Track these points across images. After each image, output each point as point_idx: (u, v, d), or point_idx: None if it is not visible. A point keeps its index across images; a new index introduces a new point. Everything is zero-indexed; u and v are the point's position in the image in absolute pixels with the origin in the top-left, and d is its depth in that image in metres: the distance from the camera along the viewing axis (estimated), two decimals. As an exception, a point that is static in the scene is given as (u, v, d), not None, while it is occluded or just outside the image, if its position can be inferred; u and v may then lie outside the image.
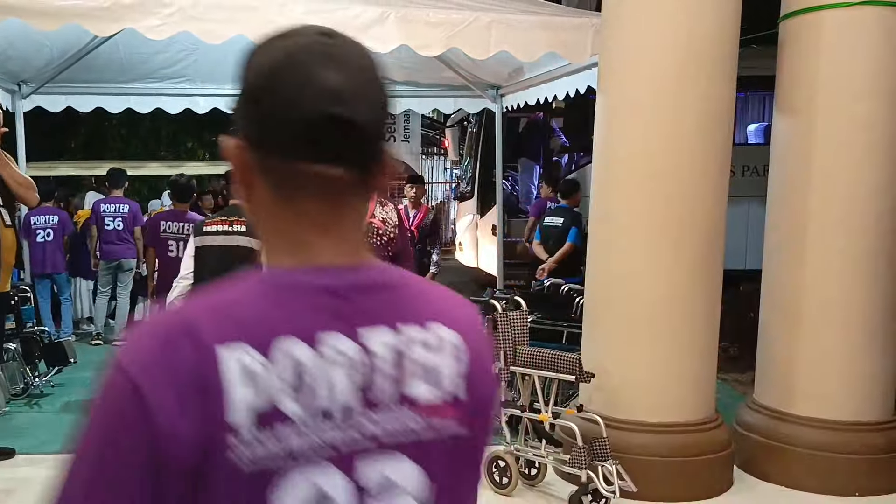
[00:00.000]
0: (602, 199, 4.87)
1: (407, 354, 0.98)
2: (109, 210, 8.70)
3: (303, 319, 0.94)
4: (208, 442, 0.87)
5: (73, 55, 7.50)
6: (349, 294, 0.97)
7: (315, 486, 0.92)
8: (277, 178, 0.96)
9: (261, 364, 0.90)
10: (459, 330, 1.03)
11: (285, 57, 0.97)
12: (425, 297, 1.06)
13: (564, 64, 6.79)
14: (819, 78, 4.81)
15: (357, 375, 0.94)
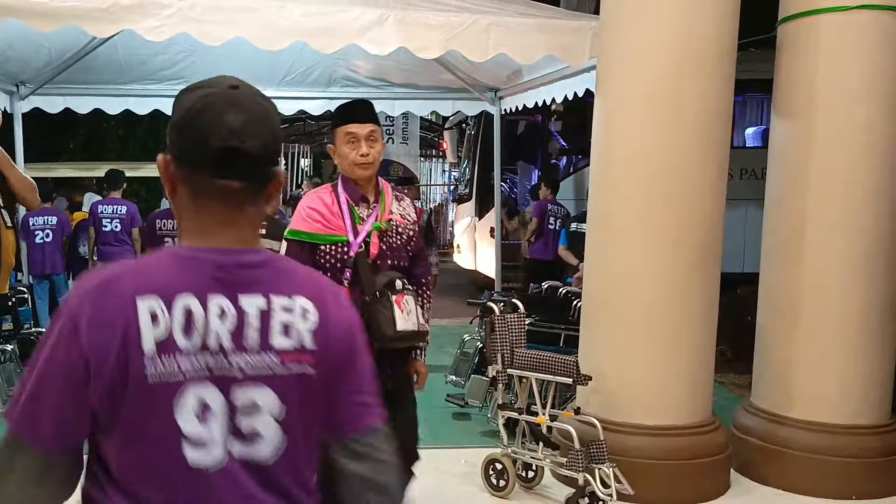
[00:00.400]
0: (600, 201, 4.87)
1: (272, 315, 1.40)
2: (107, 211, 8.68)
3: (198, 283, 1.37)
4: (126, 361, 1.30)
5: (72, 56, 7.50)
6: (234, 269, 1.40)
7: (199, 398, 1.36)
8: (193, 187, 1.40)
9: (164, 311, 1.33)
10: (315, 300, 1.46)
11: (202, 101, 1.37)
12: (293, 275, 1.49)
13: (563, 67, 6.79)
14: (817, 81, 4.82)
15: (232, 326, 1.37)
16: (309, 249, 3.14)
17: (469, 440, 5.89)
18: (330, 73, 8.68)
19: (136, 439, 1.36)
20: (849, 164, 4.78)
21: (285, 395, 1.43)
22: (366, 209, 3.23)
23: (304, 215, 3.19)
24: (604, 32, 4.88)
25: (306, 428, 1.47)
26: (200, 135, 1.36)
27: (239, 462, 1.41)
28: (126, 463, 1.37)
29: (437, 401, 6.68)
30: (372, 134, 3.18)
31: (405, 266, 3.31)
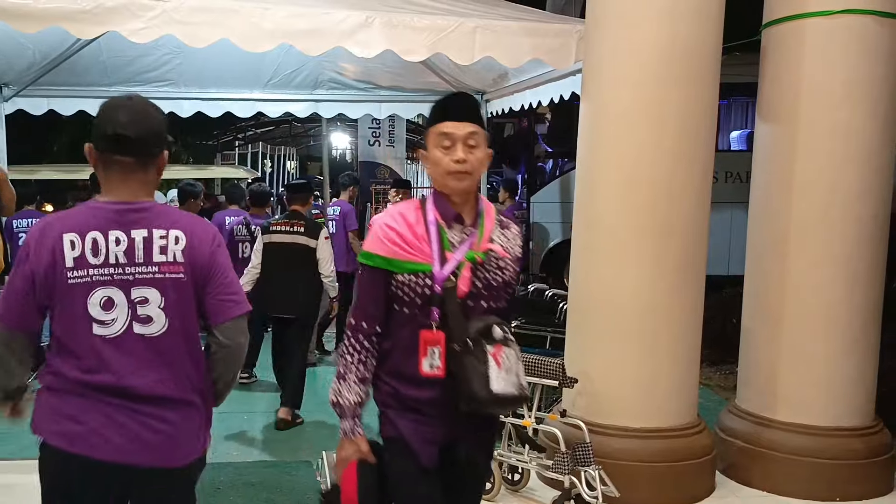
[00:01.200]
0: (585, 204, 4.88)
1: (153, 241, 2.35)
2: None
3: (102, 223, 2.34)
4: (55, 272, 2.29)
5: (56, 58, 7.46)
6: (126, 213, 2.35)
7: (107, 295, 2.33)
8: (102, 162, 2.37)
9: (79, 241, 2.31)
10: (185, 231, 2.40)
11: (104, 106, 2.38)
12: (170, 216, 2.43)
13: (549, 70, 6.81)
14: (801, 85, 4.85)
15: (125, 248, 2.33)
16: (383, 278, 2.52)
17: (455, 443, 5.89)
18: (316, 76, 8.66)
19: (64, 319, 2.37)
20: (832, 168, 4.81)
21: (165, 292, 2.38)
22: (459, 233, 2.56)
23: (381, 235, 2.54)
24: (589, 36, 4.90)
25: (182, 314, 2.42)
26: (104, 127, 2.34)
27: (136, 335, 2.37)
28: (59, 334, 2.39)
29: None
30: (472, 136, 2.52)
31: (504, 310, 2.63)
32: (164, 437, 2.39)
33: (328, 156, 20.68)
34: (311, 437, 6.03)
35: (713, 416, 5.38)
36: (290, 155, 27.79)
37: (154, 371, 2.38)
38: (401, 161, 18.37)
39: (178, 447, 2.43)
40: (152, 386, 2.37)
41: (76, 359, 2.37)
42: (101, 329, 2.34)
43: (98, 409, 2.36)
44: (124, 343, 2.35)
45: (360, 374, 2.56)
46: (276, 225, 6.43)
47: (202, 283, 2.43)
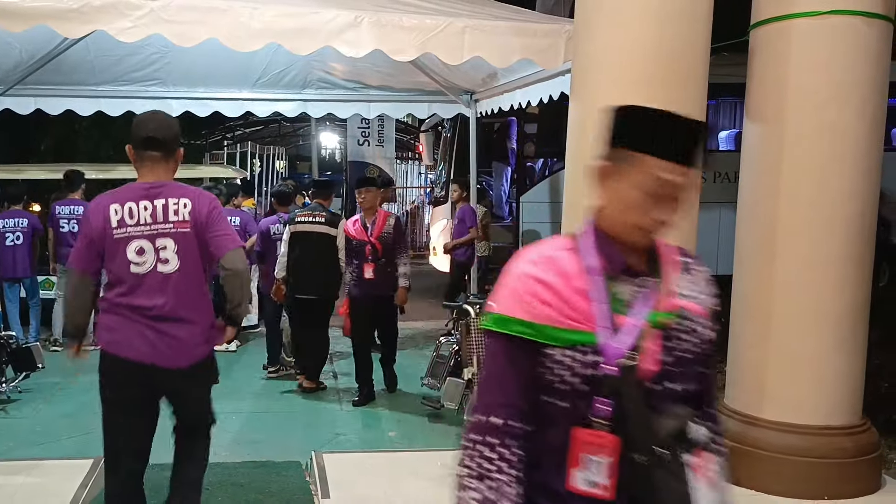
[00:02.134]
0: (575, 204, 4.88)
1: (168, 207, 3.47)
2: (65, 212, 8.57)
3: (135, 196, 3.50)
4: (106, 230, 3.46)
5: (43, 57, 7.43)
6: (151, 189, 3.51)
7: (139, 245, 3.45)
8: (139, 157, 3.54)
9: (120, 208, 3.47)
10: (191, 198, 3.52)
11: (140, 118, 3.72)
12: (182, 189, 3.54)
13: (538, 70, 6.82)
14: (789, 85, 4.86)
15: (151, 212, 3.46)
16: (528, 352, 1.74)
17: (445, 443, 5.88)
18: (305, 76, 8.66)
19: (111, 262, 3.46)
20: (820, 168, 4.83)
21: (177, 241, 3.45)
22: (631, 285, 1.81)
23: (523, 290, 1.77)
24: (578, 36, 4.90)
25: (189, 257, 3.46)
26: (137, 131, 3.51)
27: (160, 272, 3.43)
28: (110, 271, 3.50)
29: (413, 404, 6.67)
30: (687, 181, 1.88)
31: (701, 395, 1.93)
32: (171, 345, 3.45)
33: (317, 155, 20.75)
34: (300, 438, 6.02)
35: (702, 416, 5.39)
36: (279, 154, 27.70)
37: (165, 297, 3.44)
38: (390, 161, 18.39)
39: (181, 353, 3.48)
40: (162, 306, 3.42)
41: (118, 288, 3.48)
42: (135, 268, 3.45)
43: (129, 325, 3.44)
44: (149, 277, 3.44)
45: (517, 499, 1.75)
46: (301, 216, 7.32)
47: (203, 232, 3.48)
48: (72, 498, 4.45)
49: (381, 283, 6.94)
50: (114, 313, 3.46)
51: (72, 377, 7.61)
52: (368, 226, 7.00)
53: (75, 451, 5.54)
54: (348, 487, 4.77)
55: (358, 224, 7.06)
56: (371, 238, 6.93)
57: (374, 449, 5.80)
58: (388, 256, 6.97)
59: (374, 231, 6.97)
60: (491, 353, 1.81)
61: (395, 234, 7.07)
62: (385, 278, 6.96)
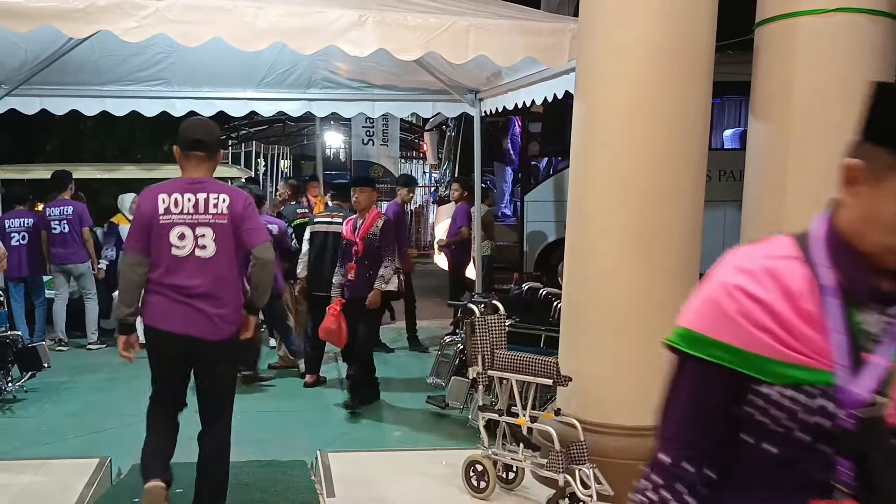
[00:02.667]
0: (579, 202, 4.88)
1: (209, 200, 3.94)
2: (55, 214, 8.56)
3: (180, 189, 3.97)
4: (153, 216, 3.92)
5: (48, 57, 7.43)
6: (195, 184, 3.98)
7: (181, 231, 3.91)
8: (185, 156, 4.03)
9: (167, 198, 3.94)
10: (229, 195, 3.99)
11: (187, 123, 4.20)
12: (221, 187, 4.05)
13: (542, 69, 6.81)
14: (794, 83, 4.86)
15: (194, 203, 3.93)
16: (729, 385, 1.41)
17: (449, 442, 5.89)
18: (309, 75, 8.65)
19: (156, 245, 3.91)
20: (825, 166, 4.77)
21: (215, 230, 3.90)
22: (879, 314, 1.39)
23: (731, 308, 1.40)
24: (583, 34, 4.90)
25: (224, 245, 3.90)
26: (184, 134, 4.03)
27: (198, 256, 3.89)
28: (154, 253, 3.92)
29: (418, 403, 6.68)
30: None
31: None
32: (205, 320, 3.93)
33: (322, 155, 20.73)
34: (305, 437, 6.03)
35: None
36: (283, 154, 27.74)
37: (202, 278, 3.92)
38: (395, 160, 18.37)
39: (212, 328, 3.94)
40: (198, 287, 3.91)
41: (161, 269, 3.94)
42: (176, 251, 3.92)
43: (169, 303, 3.94)
44: (188, 260, 3.93)
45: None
46: (320, 216, 7.91)
47: (238, 225, 3.96)
48: (78, 497, 4.46)
49: (358, 286, 6.70)
50: (157, 293, 3.96)
51: (78, 376, 7.64)
52: (358, 226, 6.83)
53: (81, 451, 5.56)
54: (353, 486, 4.78)
55: (351, 224, 6.92)
56: (356, 238, 6.75)
57: (380, 448, 5.80)
58: (370, 259, 6.70)
59: (360, 231, 6.78)
60: (677, 379, 1.52)
61: (381, 235, 6.76)
62: (363, 281, 6.69)
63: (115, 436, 6.01)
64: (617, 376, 4.69)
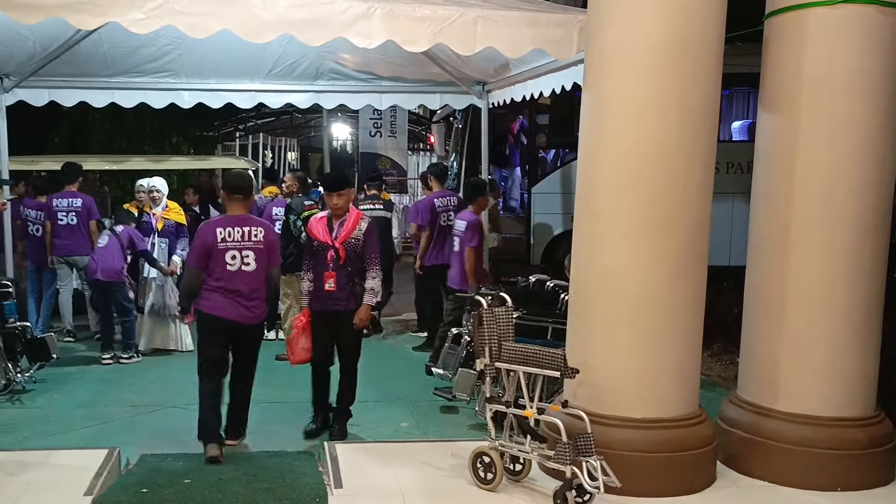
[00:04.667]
0: (587, 194, 4.87)
1: (252, 232, 5.49)
2: (62, 205, 8.52)
3: (232, 224, 5.49)
4: (213, 243, 5.40)
5: (56, 49, 7.45)
6: (240, 220, 5.52)
7: (233, 253, 5.43)
8: (229, 198, 5.65)
9: (223, 229, 5.43)
10: (263, 228, 5.59)
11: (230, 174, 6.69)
12: (257, 222, 5.64)
13: (551, 60, 6.80)
14: (803, 75, 4.84)
15: (241, 234, 5.45)
16: None
17: (457, 433, 5.90)
18: (317, 67, 8.66)
19: (214, 262, 5.39)
20: (834, 159, 4.80)
21: (255, 253, 5.47)
22: None
23: None
24: (591, 26, 4.88)
25: (261, 263, 5.50)
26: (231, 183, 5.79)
27: (244, 270, 5.43)
28: (212, 266, 5.40)
29: (425, 394, 6.69)
30: None
31: None
32: (247, 310, 5.45)
33: (329, 147, 20.75)
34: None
35: (715, 407, 5.38)
36: (290, 146, 27.75)
37: (248, 284, 5.42)
38: (402, 152, 18.37)
39: (251, 316, 5.49)
40: (243, 290, 5.41)
41: (217, 278, 5.37)
42: (229, 267, 5.37)
43: (223, 299, 5.39)
44: (237, 273, 5.40)
45: None
46: (363, 204, 9.19)
47: (269, 251, 5.52)
48: (87, 487, 4.48)
49: (341, 298, 5.78)
50: (212, 291, 5.40)
51: (86, 367, 7.68)
52: (335, 227, 5.82)
53: (90, 441, 5.58)
54: (361, 477, 4.79)
55: (324, 223, 5.89)
56: (335, 242, 5.75)
57: (387, 439, 5.81)
58: (353, 266, 5.79)
59: (340, 234, 5.78)
60: None
61: (365, 240, 5.81)
62: (345, 292, 5.78)
63: (124, 426, 6.04)
64: (624, 369, 4.68)
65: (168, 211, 8.61)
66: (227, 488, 4.60)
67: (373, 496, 4.58)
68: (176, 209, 8.80)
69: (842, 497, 4.75)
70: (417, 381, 7.22)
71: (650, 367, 4.68)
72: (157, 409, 6.46)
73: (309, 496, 4.52)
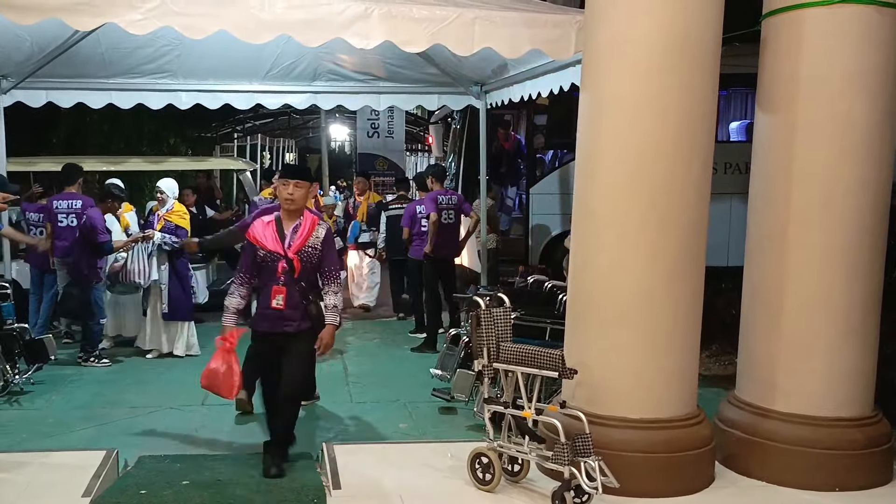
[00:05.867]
0: (585, 194, 4.87)
1: None
2: (62, 206, 8.47)
3: None
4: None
5: (54, 50, 7.45)
6: None
7: None
8: None
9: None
10: None
11: None
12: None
13: (548, 61, 6.80)
14: (801, 75, 4.84)
15: None
16: None
17: (455, 434, 5.90)
18: (315, 67, 8.66)
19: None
20: (832, 158, 4.81)
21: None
22: None
23: None
24: (589, 26, 4.89)
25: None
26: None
27: None
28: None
29: (423, 395, 6.68)
30: None
31: None
32: None
33: (327, 148, 20.75)
34: (311, 429, 6.04)
35: (713, 407, 5.39)
36: (288, 147, 27.77)
37: None
38: (400, 153, 18.39)
39: None
40: None
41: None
42: None
43: None
44: None
45: None
46: (390, 204, 10.54)
47: None
48: (84, 489, 4.47)
49: (293, 318, 4.93)
50: None
51: (84, 369, 7.67)
52: (287, 233, 4.96)
53: (88, 443, 5.58)
54: (359, 478, 4.79)
55: (272, 227, 4.99)
56: (288, 251, 4.91)
57: (385, 440, 5.81)
58: (307, 280, 4.99)
59: (293, 241, 4.94)
60: None
61: (323, 249, 5.01)
62: (298, 310, 4.94)
63: (122, 428, 6.03)
64: (622, 369, 4.69)
65: (171, 213, 8.36)
66: (225, 490, 4.60)
67: (371, 497, 4.57)
68: (180, 212, 8.48)
69: (840, 497, 4.75)
70: (415, 382, 7.21)
71: (648, 367, 4.68)
72: (155, 411, 6.45)
73: (307, 497, 4.51)
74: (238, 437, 5.80)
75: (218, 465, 5.05)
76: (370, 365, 8.02)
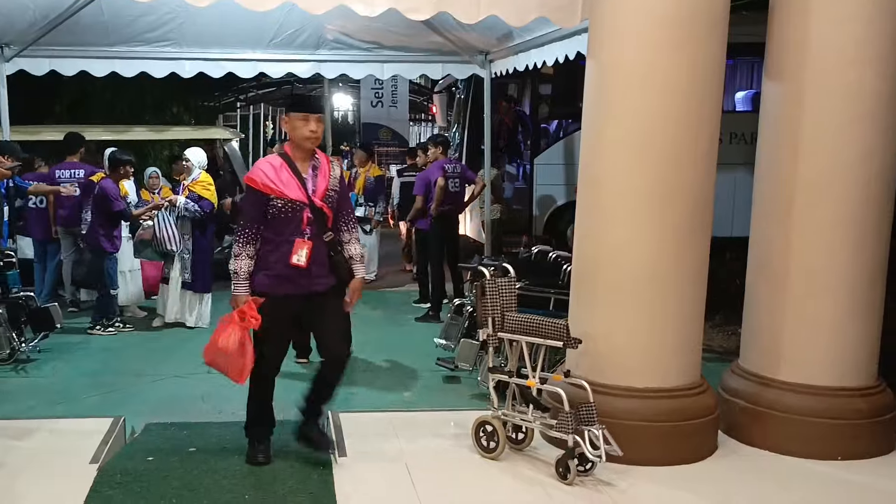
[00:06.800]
0: (590, 164, 4.85)
1: None
2: (65, 176, 8.45)
3: None
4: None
5: (57, 17, 7.42)
6: None
7: None
8: None
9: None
10: None
11: None
12: None
13: (554, 29, 6.75)
14: (808, 44, 4.79)
15: None
16: None
17: (459, 403, 5.93)
18: (318, 36, 8.60)
19: None
20: (839, 128, 4.78)
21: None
22: None
23: None
24: (596, -6, 4.84)
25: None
26: None
27: None
28: None
29: (428, 365, 6.71)
30: None
31: None
32: None
33: (330, 117, 20.65)
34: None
35: (716, 377, 5.40)
36: (292, 116, 27.59)
37: None
38: (404, 122, 18.33)
39: None
40: None
41: None
42: None
43: None
44: None
45: None
46: (403, 171, 11.65)
47: None
48: (92, 456, 4.51)
49: (321, 274, 4.39)
50: None
51: (90, 337, 7.70)
52: (306, 177, 4.35)
53: (95, 410, 5.61)
54: (364, 446, 4.82)
55: (285, 172, 4.33)
56: (315, 198, 4.33)
57: (390, 409, 5.85)
58: (335, 229, 4.48)
59: (317, 187, 4.37)
60: None
61: (341, 190, 4.52)
62: (324, 266, 4.39)
63: (129, 395, 6.07)
64: (626, 338, 4.70)
65: (196, 183, 8.00)
66: (231, 457, 4.64)
67: (377, 464, 4.61)
68: (205, 183, 8.09)
69: (842, 466, 4.78)
70: (420, 351, 7.24)
71: (653, 337, 4.69)
72: (161, 379, 6.49)
73: (313, 464, 4.55)
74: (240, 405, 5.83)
75: (224, 432, 5.09)
76: (375, 334, 8.04)
